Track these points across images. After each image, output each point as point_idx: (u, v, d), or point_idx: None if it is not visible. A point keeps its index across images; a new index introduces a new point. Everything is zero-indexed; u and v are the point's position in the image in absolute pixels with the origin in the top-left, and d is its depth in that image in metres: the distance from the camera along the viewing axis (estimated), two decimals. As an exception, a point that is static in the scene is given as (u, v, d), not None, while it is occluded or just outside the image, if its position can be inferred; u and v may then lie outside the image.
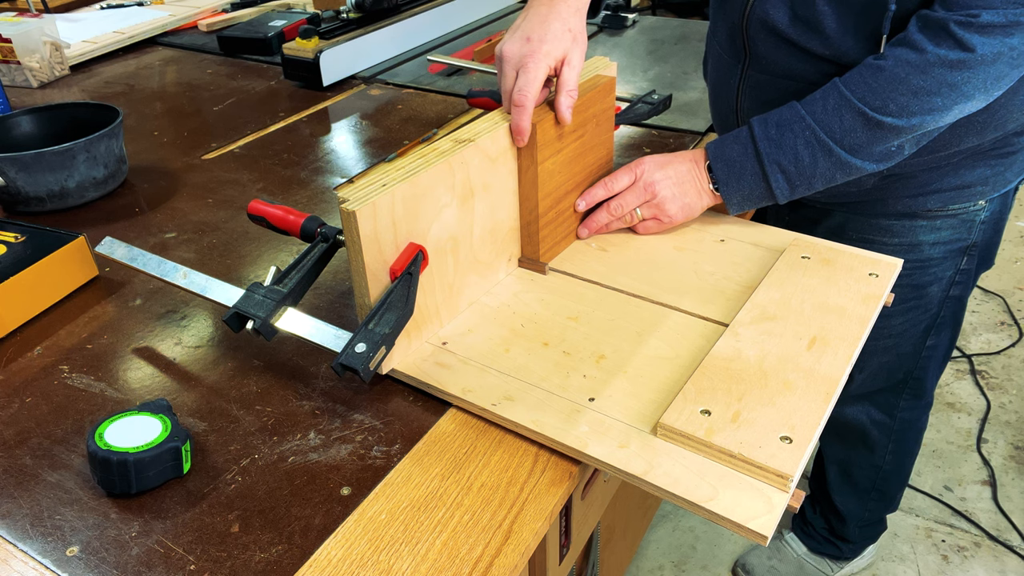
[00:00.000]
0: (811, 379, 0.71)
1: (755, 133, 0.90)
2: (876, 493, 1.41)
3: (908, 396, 1.26)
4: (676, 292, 0.87)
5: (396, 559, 0.60)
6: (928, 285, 1.10)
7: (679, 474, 0.64)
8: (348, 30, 1.62)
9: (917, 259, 1.06)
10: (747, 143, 0.90)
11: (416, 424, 0.73)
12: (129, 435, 0.66)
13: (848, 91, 0.85)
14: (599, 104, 0.92)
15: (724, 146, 0.92)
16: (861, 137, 0.85)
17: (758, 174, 0.90)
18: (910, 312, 1.13)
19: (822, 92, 0.87)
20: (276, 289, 0.77)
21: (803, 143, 0.87)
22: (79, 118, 1.20)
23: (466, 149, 0.78)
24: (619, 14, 1.87)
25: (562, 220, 0.93)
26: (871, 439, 1.33)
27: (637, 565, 1.66)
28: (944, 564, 1.65)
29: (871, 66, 0.84)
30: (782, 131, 0.88)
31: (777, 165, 0.89)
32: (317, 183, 1.19)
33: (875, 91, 0.83)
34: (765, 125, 0.89)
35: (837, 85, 0.86)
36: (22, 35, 1.60)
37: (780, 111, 0.89)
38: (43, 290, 0.91)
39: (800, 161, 0.88)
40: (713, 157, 0.92)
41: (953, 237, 1.05)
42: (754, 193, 0.92)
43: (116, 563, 0.60)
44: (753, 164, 0.90)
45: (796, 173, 0.89)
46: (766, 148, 0.89)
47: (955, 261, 1.08)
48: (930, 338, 1.17)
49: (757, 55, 0.99)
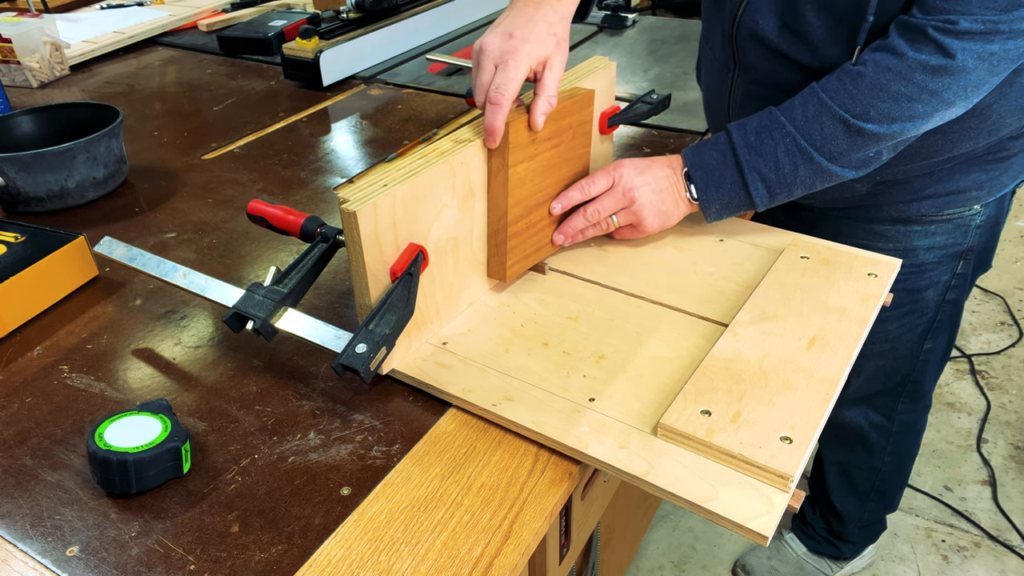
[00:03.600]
0: (811, 379, 0.71)
1: (734, 140, 0.87)
2: (875, 494, 1.41)
3: (906, 399, 1.26)
4: (676, 292, 0.87)
5: (396, 559, 0.60)
6: (924, 289, 1.10)
7: (679, 474, 0.64)
8: (348, 30, 1.62)
9: (912, 264, 1.06)
10: (726, 150, 0.88)
11: (416, 424, 0.73)
12: (129, 435, 0.66)
13: (828, 97, 0.83)
14: (577, 115, 0.88)
15: (702, 153, 0.90)
16: (842, 144, 0.84)
17: (737, 182, 0.88)
18: (906, 316, 1.13)
19: (800, 98, 0.86)
20: (276, 289, 0.77)
21: (783, 150, 0.85)
22: (79, 118, 1.20)
23: (466, 149, 0.78)
24: (619, 14, 1.87)
25: (532, 233, 0.88)
26: (869, 441, 1.33)
27: (637, 565, 1.66)
28: (944, 564, 1.65)
29: (850, 72, 0.83)
30: (762, 138, 0.86)
31: (757, 173, 0.87)
32: (317, 183, 1.19)
33: (855, 97, 0.82)
34: (744, 132, 0.87)
35: (816, 91, 0.85)
36: (22, 35, 1.60)
37: (758, 117, 0.88)
38: (43, 290, 0.91)
39: (781, 169, 0.86)
40: (691, 164, 0.90)
41: (948, 242, 1.04)
42: (733, 202, 0.89)
43: (116, 563, 0.61)
44: (732, 172, 0.88)
45: (777, 181, 0.87)
46: (746, 156, 0.87)
47: (951, 265, 1.07)
48: (927, 342, 1.17)
49: (747, 64, 0.98)
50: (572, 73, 0.95)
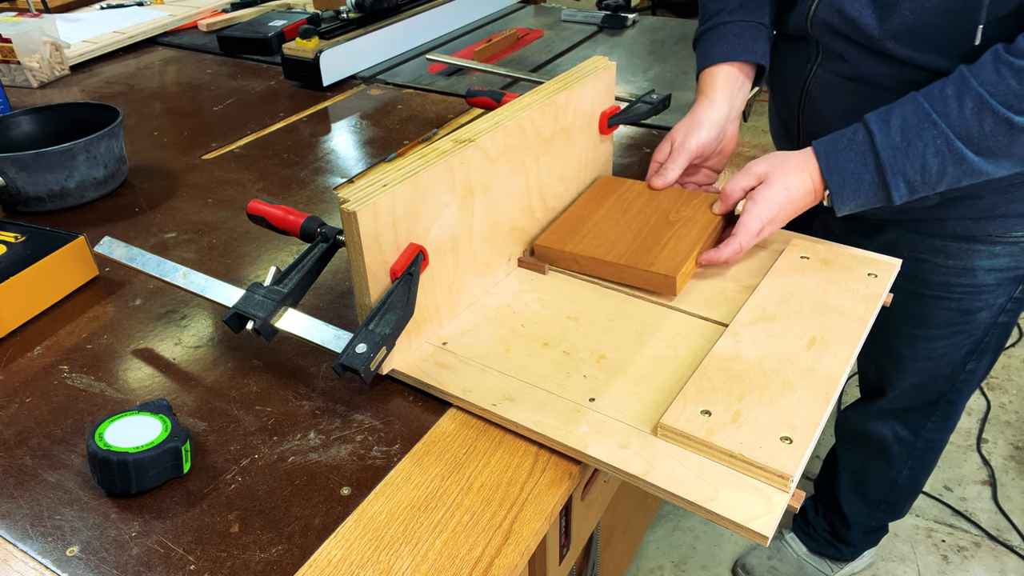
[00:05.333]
0: (811, 379, 0.71)
1: (876, 141, 0.82)
2: (886, 504, 1.41)
3: (938, 417, 1.23)
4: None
5: (396, 559, 0.60)
6: (978, 311, 1.06)
7: (679, 474, 0.64)
8: (348, 30, 1.62)
9: (970, 284, 1.02)
10: (865, 151, 0.83)
11: (416, 424, 0.73)
12: (129, 435, 0.66)
13: (987, 93, 0.78)
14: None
15: (838, 154, 0.85)
16: (1002, 141, 0.79)
17: (876, 184, 0.83)
18: (955, 336, 1.09)
19: (953, 90, 0.80)
20: (276, 289, 0.76)
21: (933, 152, 0.80)
22: (79, 118, 1.20)
23: (466, 149, 0.78)
24: (619, 14, 1.87)
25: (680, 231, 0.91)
26: (891, 454, 1.31)
27: (637, 565, 1.66)
28: (944, 564, 1.65)
29: (1011, 65, 0.77)
30: (908, 138, 0.81)
31: (902, 176, 0.82)
32: (317, 183, 1.19)
33: (1019, 95, 0.76)
34: (887, 130, 0.82)
35: (971, 85, 0.79)
36: (22, 35, 1.60)
37: (902, 110, 0.82)
38: (43, 290, 0.91)
39: (927, 170, 0.81)
40: (827, 169, 0.85)
41: (1010, 264, 1.00)
42: (869, 201, 0.85)
43: (116, 563, 0.60)
44: (873, 175, 0.83)
45: (921, 182, 0.82)
46: (890, 159, 0.82)
47: (1008, 289, 1.03)
48: (970, 363, 1.13)
49: (830, 53, 0.94)
50: (572, 73, 0.95)
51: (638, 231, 0.90)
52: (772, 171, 0.88)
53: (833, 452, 1.46)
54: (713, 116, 0.98)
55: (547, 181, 0.93)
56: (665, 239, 0.89)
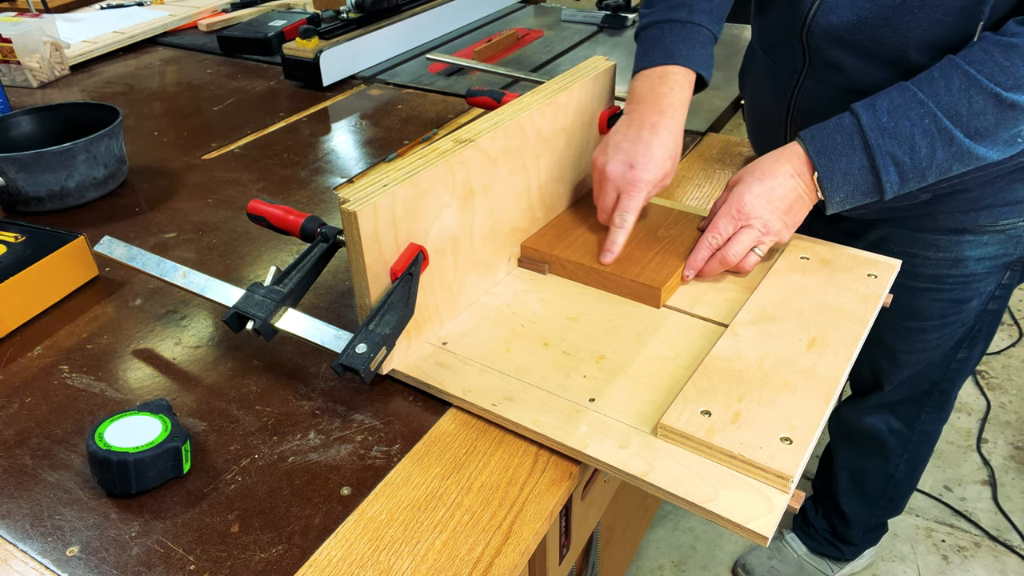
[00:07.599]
0: (811, 380, 0.71)
1: (863, 121, 0.80)
2: (885, 500, 1.41)
3: (931, 408, 1.24)
4: (676, 292, 0.87)
5: (396, 559, 0.60)
6: (969, 300, 1.06)
7: (679, 475, 0.64)
8: (348, 30, 1.62)
9: (961, 274, 1.03)
10: (852, 133, 0.81)
11: (416, 424, 0.73)
12: (129, 435, 0.66)
13: (974, 70, 0.76)
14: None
15: (823, 137, 0.82)
16: (990, 120, 0.77)
17: (865, 167, 0.81)
18: (948, 327, 1.10)
19: (940, 72, 0.78)
20: (276, 289, 0.77)
21: (921, 131, 0.78)
22: (79, 118, 1.20)
23: (466, 149, 0.78)
24: (619, 14, 1.87)
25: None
26: (887, 448, 1.31)
27: (637, 565, 1.66)
28: (944, 564, 1.65)
29: (998, 42, 0.76)
30: (895, 118, 0.79)
31: (891, 157, 0.79)
32: (317, 183, 1.19)
33: (1006, 70, 0.75)
34: (874, 112, 0.80)
35: (958, 64, 0.77)
36: (22, 35, 1.60)
37: (888, 95, 0.80)
38: (43, 290, 0.91)
39: (916, 152, 0.79)
40: (815, 152, 0.82)
41: (999, 252, 1.01)
42: (859, 189, 0.82)
43: (116, 563, 0.61)
44: (861, 157, 0.80)
45: (911, 166, 0.80)
46: (877, 139, 0.79)
47: (998, 276, 1.04)
48: (962, 351, 1.14)
49: (819, 63, 0.92)
50: (572, 73, 0.95)
51: (626, 241, 0.89)
52: (742, 173, 0.88)
53: (828, 450, 1.46)
54: (673, 145, 0.88)
55: (547, 181, 0.93)
56: (653, 252, 0.89)
